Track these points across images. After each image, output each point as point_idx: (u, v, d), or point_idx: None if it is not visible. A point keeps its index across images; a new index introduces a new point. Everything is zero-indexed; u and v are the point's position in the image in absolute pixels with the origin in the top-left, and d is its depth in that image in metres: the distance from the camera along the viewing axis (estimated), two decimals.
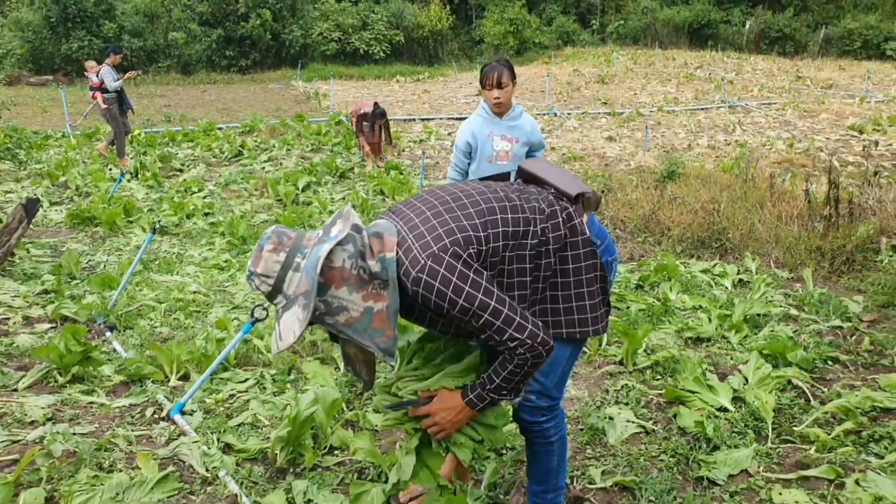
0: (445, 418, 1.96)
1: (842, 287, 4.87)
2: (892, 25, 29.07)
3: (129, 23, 24.19)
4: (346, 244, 1.79)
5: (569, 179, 2.07)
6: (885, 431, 2.94)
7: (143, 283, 5.12)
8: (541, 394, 2.12)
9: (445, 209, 1.88)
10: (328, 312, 1.79)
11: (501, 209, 1.90)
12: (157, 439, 3.00)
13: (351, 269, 1.78)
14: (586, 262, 1.98)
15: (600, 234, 2.08)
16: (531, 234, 1.89)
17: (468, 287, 1.76)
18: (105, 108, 9.46)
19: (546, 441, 2.20)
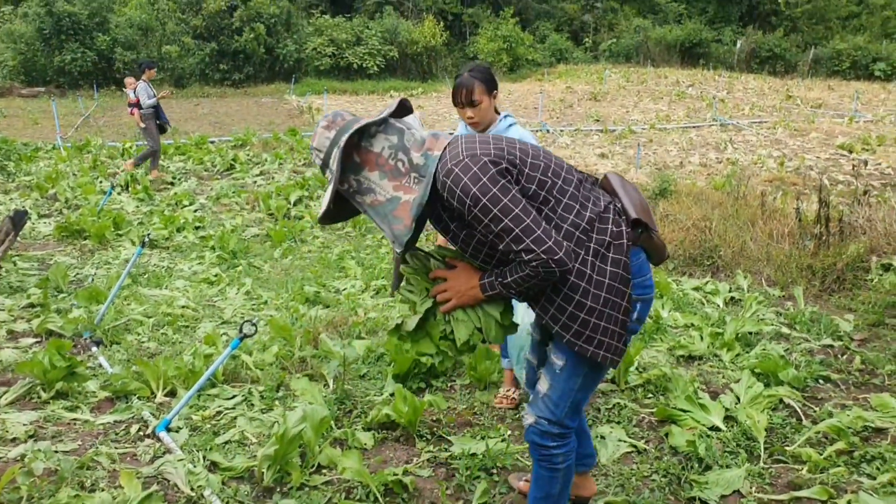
0: (456, 288, 2.00)
1: (832, 305, 4.87)
2: (879, 46, 29.47)
3: (122, 35, 24.19)
4: (390, 134, 1.93)
5: (637, 203, 2.04)
6: (876, 452, 2.92)
7: (131, 297, 5.07)
8: (551, 420, 2.10)
9: (505, 138, 1.98)
10: (358, 191, 1.95)
11: (558, 163, 1.98)
12: (142, 457, 2.95)
13: (388, 158, 1.90)
14: (613, 282, 1.94)
15: (640, 271, 2.03)
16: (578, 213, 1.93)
17: (496, 189, 1.81)
18: (143, 126, 9.68)
19: (552, 466, 2.17)
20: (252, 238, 7.08)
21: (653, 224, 2.03)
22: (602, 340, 1.96)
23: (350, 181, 1.94)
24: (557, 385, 2.07)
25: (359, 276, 5.67)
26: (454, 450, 3.02)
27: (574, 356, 2.01)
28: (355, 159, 1.93)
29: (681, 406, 3.29)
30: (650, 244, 2.05)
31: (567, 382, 2.05)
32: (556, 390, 2.07)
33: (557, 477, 2.18)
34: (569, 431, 2.14)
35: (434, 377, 3.75)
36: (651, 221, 2.03)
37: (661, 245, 2.08)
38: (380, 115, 1.93)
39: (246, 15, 25.27)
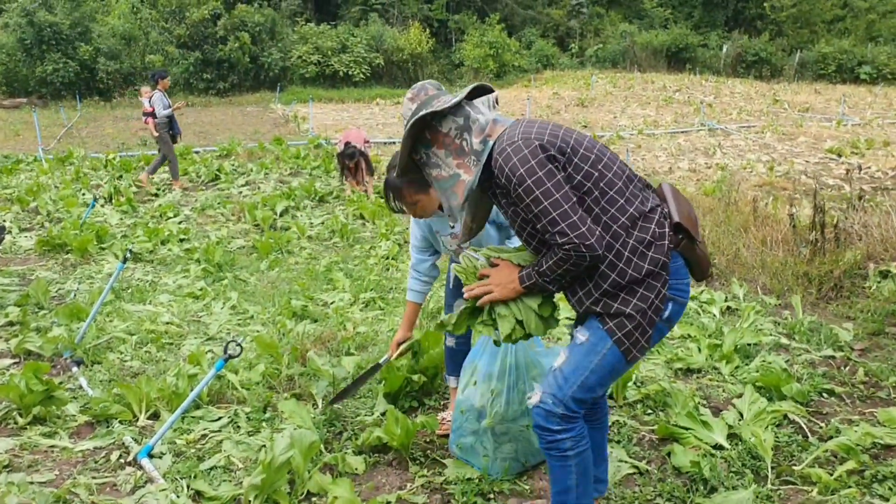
0: (497, 281, 2.16)
1: (830, 314, 4.80)
2: (864, 50, 29.76)
3: (105, 45, 23.96)
4: (457, 116, 2.08)
5: (684, 212, 2.11)
6: (888, 471, 2.82)
7: (113, 314, 4.92)
8: (556, 399, 2.10)
9: (564, 127, 2.07)
10: (427, 164, 2.15)
11: (611, 158, 2.07)
12: (122, 487, 2.80)
13: (454, 138, 2.08)
14: (648, 278, 2.02)
15: (675, 273, 2.09)
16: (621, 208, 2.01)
17: (541, 172, 1.94)
18: (157, 135, 9.72)
19: (562, 455, 2.14)
20: (238, 250, 6.93)
21: (696, 234, 2.10)
22: (625, 325, 2.04)
23: (421, 153, 2.15)
24: (573, 358, 2.11)
25: (347, 289, 5.54)
26: (449, 474, 2.90)
27: (598, 333, 2.08)
28: (426, 136, 2.11)
29: (682, 423, 3.18)
30: (691, 254, 2.12)
31: (584, 357, 2.09)
32: (571, 364, 2.11)
33: (570, 466, 2.15)
34: (574, 416, 2.12)
35: (426, 395, 3.63)
36: (695, 231, 2.11)
37: (704, 259, 2.15)
38: (454, 101, 2.07)
39: (230, 24, 25.13)
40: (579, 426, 2.15)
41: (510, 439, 2.82)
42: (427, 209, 2.69)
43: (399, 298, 5.38)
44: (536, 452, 2.90)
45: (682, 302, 2.13)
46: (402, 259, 6.55)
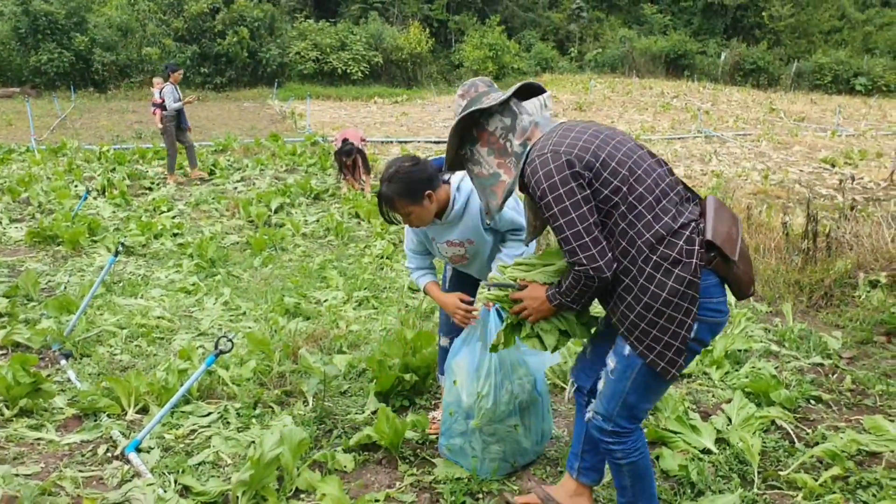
0: (531, 305, 2.23)
1: (820, 322, 4.82)
2: (860, 61, 29.92)
3: (101, 36, 23.83)
4: (505, 116, 2.14)
5: (723, 230, 2.03)
6: (872, 478, 2.84)
7: (104, 307, 4.90)
8: (605, 418, 2.22)
9: (603, 134, 2.06)
10: (470, 160, 2.21)
11: (646, 171, 2.04)
12: (109, 481, 2.79)
13: (499, 137, 2.14)
14: (673, 297, 2.00)
15: (705, 292, 2.03)
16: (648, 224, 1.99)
17: (562, 190, 1.97)
18: (161, 127, 9.75)
19: (614, 461, 2.29)
20: (231, 246, 6.92)
21: (731, 254, 2.02)
22: (656, 349, 2.05)
23: (466, 150, 2.21)
24: (609, 385, 2.20)
25: (340, 287, 5.53)
26: (438, 473, 2.90)
27: (625, 360, 2.13)
28: (473, 133, 2.18)
29: (671, 427, 3.19)
30: (727, 273, 2.06)
31: (617, 384, 2.17)
32: (609, 389, 2.20)
33: (623, 471, 2.29)
34: (626, 430, 2.22)
35: (418, 395, 3.63)
36: (731, 250, 2.03)
37: (744, 278, 2.09)
38: (501, 98, 2.12)
39: (229, 18, 25.06)
40: (632, 439, 2.24)
41: (498, 440, 2.82)
42: (422, 219, 2.67)
43: (392, 297, 5.38)
44: (525, 453, 2.91)
45: (711, 322, 2.08)
46: (396, 258, 6.54)
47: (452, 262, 2.98)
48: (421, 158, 2.70)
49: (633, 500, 2.37)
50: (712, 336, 2.15)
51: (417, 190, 2.57)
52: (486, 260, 2.92)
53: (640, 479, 2.32)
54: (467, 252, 2.87)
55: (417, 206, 2.60)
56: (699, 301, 2.02)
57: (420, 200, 2.59)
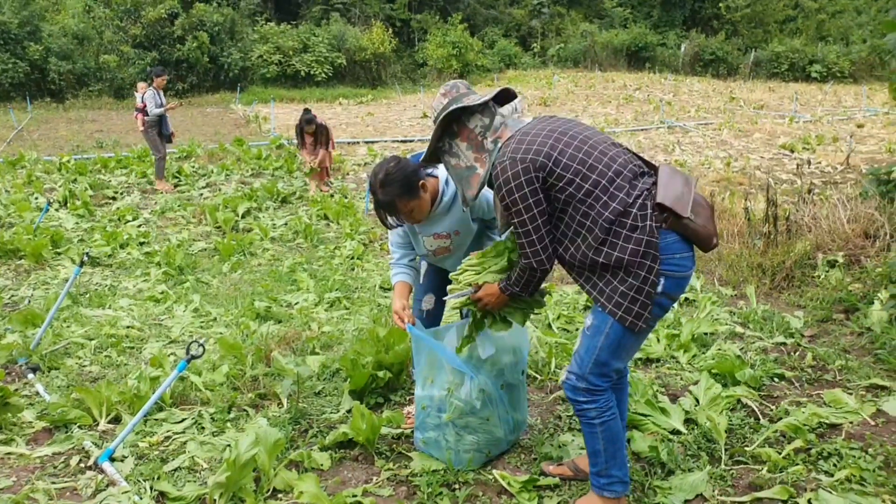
0: (490, 300, 2.55)
1: (783, 303, 4.95)
2: (815, 49, 30.62)
3: (56, 45, 23.31)
4: (484, 116, 2.37)
5: (671, 193, 2.24)
6: (832, 448, 2.94)
7: (71, 319, 4.84)
8: (578, 375, 2.39)
9: (557, 132, 2.28)
10: (448, 152, 2.43)
11: (598, 158, 2.24)
12: (83, 491, 2.77)
13: (478, 135, 2.37)
14: (634, 257, 2.21)
15: (666, 249, 2.24)
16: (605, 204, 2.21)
17: (517, 194, 2.22)
18: (143, 129, 9.60)
19: (588, 422, 2.42)
20: (199, 252, 6.86)
21: (682, 211, 2.22)
22: (624, 304, 2.25)
23: (445, 142, 2.43)
24: (584, 342, 2.38)
25: (311, 289, 5.53)
26: (414, 467, 2.93)
27: (599, 316, 2.33)
28: (454, 128, 2.40)
29: (641, 410, 3.27)
30: (684, 229, 2.25)
31: (592, 339, 2.35)
32: (584, 346, 2.38)
33: (596, 433, 2.41)
34: (597, 389, 2.38)
35: (392, 391, 3.66)
36: (681, 209, 2.22)
37: (701, 233, 2.27)
38: (482, 100, 2.37)
39: (188, 23, 24.72)
40: (604, 398, 2.40)
41: (471, 431, 2.86)
42: (423, 210, 2.77)
43: (364, 297, 5.39)
44: (499, 443, 2.96)
45: (677, 276, 2.28)
46: (367, 259, 6.56)
47: (434, 255, 3.04)
48: (398, 156, 2.76)
49: (606, 465, 2.46)
50: (679, 290, 2.33)
51: (413, 184, 2.67)
52: (465, 253, 2.98)
53: (613, 441, 2.44)
54: (452, 244, 2.95)
55: (417, 200, 2.70)
56: (661, 258, 2.23)
57: (418, 193, 2.69)
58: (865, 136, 13.89)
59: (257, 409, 3.52)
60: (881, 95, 22.57)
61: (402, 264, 3.10)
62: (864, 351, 4.04)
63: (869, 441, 3.02)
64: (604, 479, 2.49)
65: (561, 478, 2.83)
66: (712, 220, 2.32)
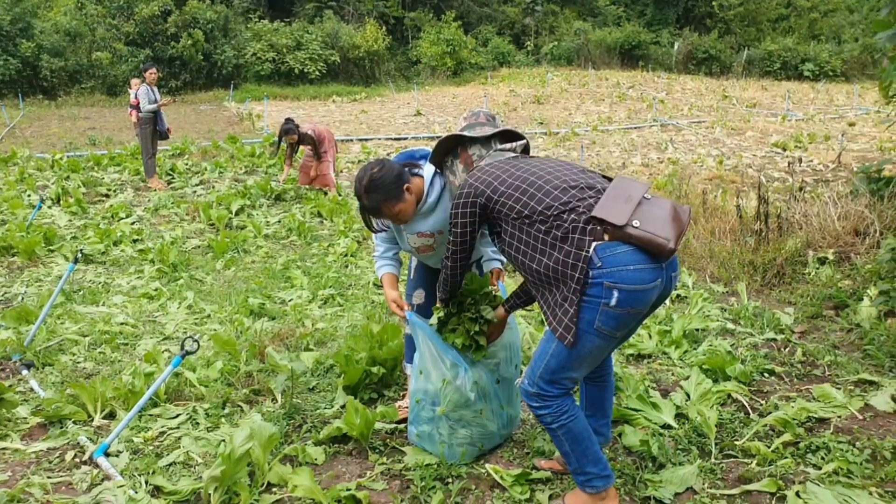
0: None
1: (774, 299, 5.00)
2: (807, 48, 30.72)
3: (48, 42, 23.17)
4: (483, 147, 2.68)
5: (609, 202, 2.28)
6: (821, 442, 2.99)
7: (64, 316, 4.84)
8: (530, 380, 2.45)
9: (511, 168, 2.50)
10: (448, 169, 2.76)
11: (540, 189, 2.38)
12: (78, 486, 2.79)
13: (475, 161, 2.66)
14: (565, 269, 2.27)
15: (611, 261, 2.22)
16: (541, 218, 2.34)
17: (457, 210, 2.51)
18: (135, 121, 9.56)
19: (548, 427, 2.47)
20: (193, 250, 6.86)
21: (616, 220, 2.23)
22: (562, 319, 2.30)
23: (449, 159, 2.74)
24: (539, 347, 2.45)
25: (305, 286, 5.55)
26: (408, 461, 2.96)
27: (549, 329, 2.40)
28: (458, 150, 2.71)
29: (633, 406, 3.30)
30: (629, 239, 2.23)
31: (544, 345, 2.42)
32: (537, 351, 2.45)
33: (558, 436, 2.47)
34: (548, 395, 2.42)
35: (385, 387, 3.68)
36: (618, 218, 2.23)
37: (652, 240, 2.21)
38: (485, 135, 2.67)
39: (181, 20, 24.61)
40: (556, 404, 2.42)
41: (465, 425, 2.89)
42: (408, 212, 2.78)
43: (358, 294, 5.41)
44: (492, 437, 2.99)
45: (632, 288, 2.20)
46: (360, 256, 6.57)
47: (419, 253, 3.06)
48: (382, 159, 2.78)
49: (579, 464, 2.49)
50: (639, 303, 2.25)
51: (398, 188, 2.68)
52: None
53: (578, 441, 2.46)
54: (436, 242, 2.96)
55: (402, 203, 2.71)
56: (610, 271, 2.21)
57: (403, 196, 2.70)
58: (857, 135, 13.97)
59: (251, 405, 3.54)
60: (872, 94, 22.69)
61: (388, 257, 3.11)
62: (854, 347, 4.09)
63: (856, 435, 3.07)
64: (581, 477, 2.52)
65: (552, 472, 2.87)
66: (673, 225, 2.24)
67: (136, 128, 9.64)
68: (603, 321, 2.25)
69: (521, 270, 2.49)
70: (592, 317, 2.25)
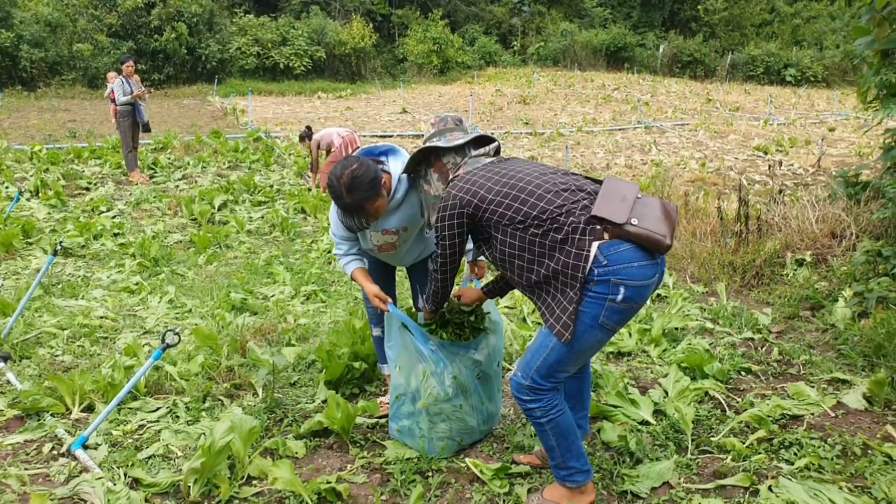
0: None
1: (752, 300, 5.07)
2: (790, 53, 31.06)
3: (27, 32, 22.82)
4: (457, 154, 2.66)
5: (604, 201, 2.32)
6: (794, 438, 3.04)
7: (43, 309, 4.79)
8: (525, 373, 2.46)
9: (493, 174, 2.49)
10: (423, 178, 2.73)
11: (531, 194, 2.38)
12: (56, 478, 2.77)
13: (449, 169, 2.66)
14: (566, 269, 2.30)
15: (616, 259, 2.27)
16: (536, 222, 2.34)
17: (444, 223, 2.49)
18: (114, 119, 9.51)
19: (535, 421, 2.50)
20: (175, 244, 6.82)
21: (618, 218, 2.28)
22: (557, 315, 2.34)
23: (423, 169, 2.73)
24: (536, 340, 2.47)
25: (288, 282, 5.54)
26: (388, 454, 2.97)
27: (544, 327, 2.42)
28: (430, 159, 2.70)
29: (612, 402, 3.34)
30: (629, 236, 2.29)
31: (543, 340, 2.43)
32: (534, 345, 2.47)
33: (546, 431, 2.49)
34: (541, 388, 2.44)
35: (367, 382, 3.69)
36: (618, 216, 2.29)
37: (650, 236, 2.27)
38: (457, 143, 2.65)
39: (165, 13, 24.38)
40: (548, 398, 2.46)
41: (444, 419, 2.91)
42: (385, 206, 2.80)
43: (341, 291, 5.41)
44: (472, 431, 3.01)
45: (636, 284, 2.28)
46: None
47: (379, 251, 3.07)
48: (355, 157, 2.78)
49: (563, 458, 2.53)
50: (641, 298, 2.33)
51: (378, 183, 2.70)
52: (408, 249, 3.09)
53: (565, 436, 2.50)
54: (399, 239, 2.99)
55: (380, 199, 2.74)
56: (616, 268, 2.26)
57: (380, 192, 2.73)
58: (836, 140, 14.16)
59: (232, 399, 3.54)
60: (852, 100, 23.00)
61: (352, 254, 3.11)
62: (828, 346, 4.16)
63: (828, 431, 3.13)
64: (563, 472, 2.56)
65: (531, 466, 2.89)
66: (666, 222, 2.32)
67: (114, 121, 9.54)
68: (608, 316, 2.31)
69: (514, 275, 2.48)
70: (598, 312, 2.30)
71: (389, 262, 3.20)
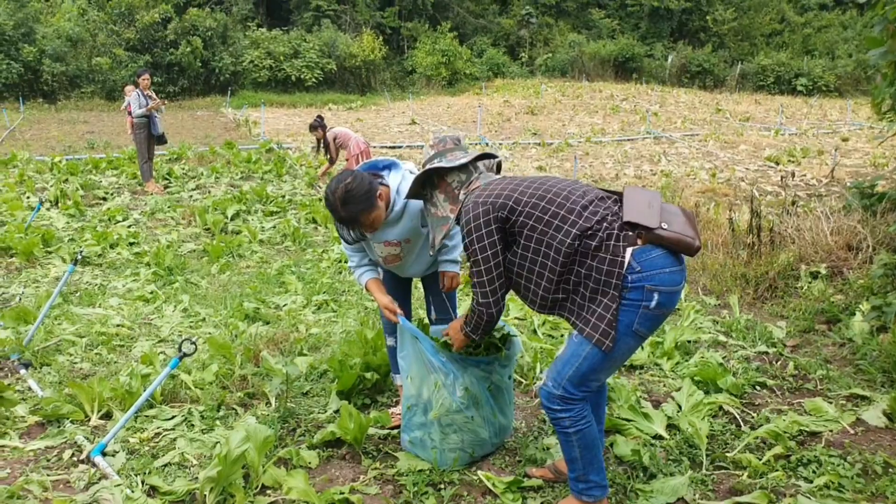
0: (456, 338, 2.74)
1: (766, 313, 5.05)
2: (801, 62, 30.97)
3: (50, 47, 23.22)
4: (462, 172, 2.62)
5: (634, 206, 2.35)
6: (812, 455, 3.02)
7: (62, 317, 4.85)
8: (556, 382, 2.43)
9: (518, 184, 2.47)
10: (429, 201, 2.68)
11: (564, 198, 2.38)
12: (76, 484, 2.81)
13: (455, 189, 2.61)
14: (600, 276, 2.30)
15: (651, 265, 2.29)
16: (566, 232, 2.33)
17: (475, 234, 2.42)
18: (132, 131, 9.72)
19: (562, 430, 2.47)
20: (188, 254, 6.88)
21: (651, 223, 2.31)
22: (599, 325, 2.32)
23: (427, 191, 2.67)
24: (567, 350, 2.44)
25: (300, 292, 5.57)
26: (401, 466, 2.99)
27: (578, 335, 2.40)
28: (434, 180, 2.65)
29: (624, 416, 3.34)
30: (661, 241, 2.31)
31: (576, 349, 2.40)
32: (566, 354, 2.44)
33: (571, 441, 2.47)
34: (573, 398, 2.42)
35: (379, 393, 3.71)
36: (650, 221, 2.31)
37: (681, 239, 2.31)
38: (460, 162, 2.60)
39: (181, 28, 24.69)
40: (578, 408, 2.44)
41: (456, 430, 2.92)
42: (381, 219, 2.82)
43: (352, 301, 5.44)
44: (483, 444, 3.02)
45: (668, 290, 2.31)
46: None
47: (385, 263, 3.10)
48: (351, 170, 2.81)
49: (584, 471, 2.52)
50: (672, 304, 2.37)
51: (371, 197, 2.73)
52: (414, 261, 3.09)
53: (589, 448, 2.49)
54: (402, 251, 3.01)
55: (376, 211, 2.77)
56: (650, 274, 2.28)
57: (376, 204, 2.75)
58: (850, 150, 14.10)
59: (246, 408, 3.56)
60: (866, 109, 22.89)
61: (365, 265, 3.14)
62: (846, 361, 4.14)
63: (848, 449, 3.11)
64: (582, 485, 2.55)
65: (544, 480, 2.89)
66: (690, 225, 2.37)
67: (131, 133, 9.69)
68: (641, 323, 2.33)
69: (532, 286, 2.43)
70: (631, 319, 2.31)
71: (398, 273, 3.22)
